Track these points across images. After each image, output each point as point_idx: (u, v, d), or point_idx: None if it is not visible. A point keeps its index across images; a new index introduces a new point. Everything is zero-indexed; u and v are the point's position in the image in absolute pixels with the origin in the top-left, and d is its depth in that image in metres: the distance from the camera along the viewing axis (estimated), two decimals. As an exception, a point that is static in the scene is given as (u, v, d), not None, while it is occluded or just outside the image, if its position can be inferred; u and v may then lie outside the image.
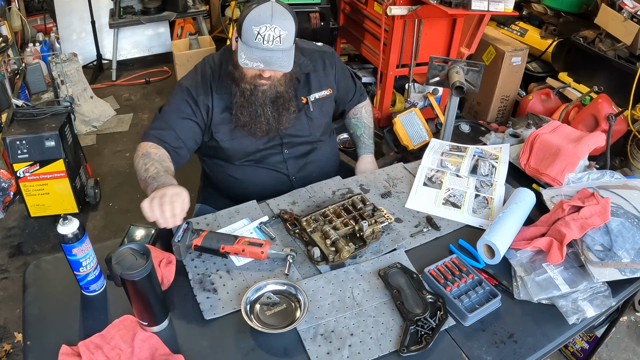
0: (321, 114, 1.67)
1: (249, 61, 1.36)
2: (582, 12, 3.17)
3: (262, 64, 1.37)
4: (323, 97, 1.65)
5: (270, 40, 1.35)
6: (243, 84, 1.47)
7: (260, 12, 1.34)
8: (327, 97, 1.67)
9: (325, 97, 1.66)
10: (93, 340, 1.05)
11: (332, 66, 1.68)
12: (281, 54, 1.38)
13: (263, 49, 1.35)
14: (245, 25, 1.35)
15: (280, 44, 1.36)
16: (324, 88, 1.65)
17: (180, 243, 1.22)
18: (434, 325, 1.11)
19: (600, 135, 1.62)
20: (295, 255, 1.26)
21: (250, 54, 1.36)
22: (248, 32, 1.35)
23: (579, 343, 1.99)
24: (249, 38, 1.35)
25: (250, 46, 1.36)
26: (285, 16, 1.36)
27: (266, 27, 1.33)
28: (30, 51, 4.01)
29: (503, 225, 1.31)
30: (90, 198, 2.81)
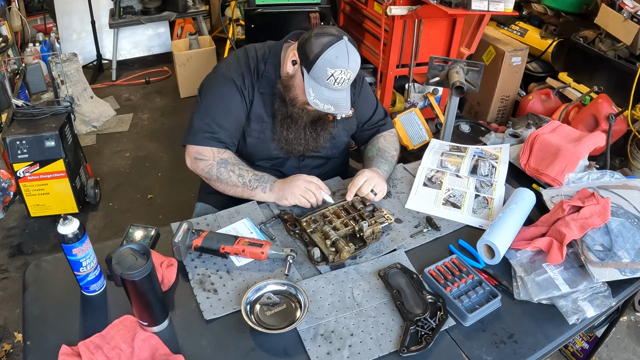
0: (344, 133, 1.67)
1: (320, 102, 1.36)
2: (582, 12, 3.17)
3: (333, 108, 1.37)
4: (348, 116, 1.64)
5: (341, 83, 1.35)
6: (292, 108, 1.46)
7: (338, 55, 1.31)
8: (349, 118, 1.66)
9: (350, 117, 1.65)
10: (93, 340, 1.05)
11: (359, 85, 1.65)
12: (345, 94, 1.39)
13: (332, 89, 1.36)
14: (320, 64, 1.32)
15: (347, 85, 1.38)
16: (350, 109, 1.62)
17: (180, 243, 1.22)
18: (434, 326, 1.11)
19: (600, 135, 1.62)
20: (295, 256, 1.26)
21: (320, 93, 1.36)
22: (321, 71, 1.33)
23: (579, 343, 1.99)
24: (321, 77, 1.34)
25: (319, 84, 1.35)
26: (356, 58, 1.35)
27: (342, 71, 1.33)
28: (30, 51, 4.01)
29: (503, 226, 1.31)
30: (90, 198, 2.81)
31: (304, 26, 3.04)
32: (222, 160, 1.48)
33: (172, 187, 3.04)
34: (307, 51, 1.35)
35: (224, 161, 1.48)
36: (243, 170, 1.47)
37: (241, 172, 1.47)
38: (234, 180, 1.46)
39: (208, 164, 1.48)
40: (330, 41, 1.32)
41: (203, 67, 3.93)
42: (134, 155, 3.33)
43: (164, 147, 3.41)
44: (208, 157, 1.49)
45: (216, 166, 1.48)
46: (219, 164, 1.48)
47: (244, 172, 1.47)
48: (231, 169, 1.47)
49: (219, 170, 1.47)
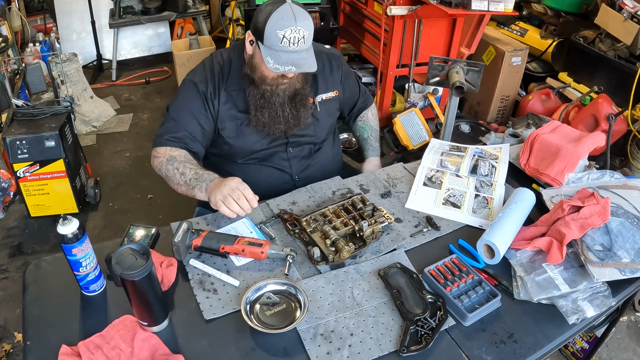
0: (327, 115, 1.67)
1: (280, 65, 1.36)
2: (582, 12, 3.17)
3: (294, 67, 1.37)
4: (329, 98, 1.66)
5: (296, 43, 1.35)
6: (264, 86, 1.47)
7: (283, 16, 1.33)
8: (333, 99, 1.68)
9: (332, 99, 1.67)
10: (93, 340, 1.05)
11: (338, 68, 1.69)
12: (306, 54, 1.39)
13: (289, 51, 1.36)
14: (269, 29, 1.34)
15: (304, 45, 1.37)
16: (330, 90, 1.66)
17: (179, 243, 1.23)
18: (434, 325, 1.11)
19: (600, 135, 1.62)
20: (295, 256, 1.27)
21: (278, 58, 1.36)
22: (272, 36, 1.34)
23: (579, 343, 1.99)
24: (274, 42, 1.35)
25: (276, 50, 1.36)
26: (305, 16, 1.36)
27: (291, 30, 1.34)
28: (30, 51, 4.01)
29: (503, 225, 1.31)
30: (90, 198, 2.81)
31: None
32: (171, 157, 1.48)
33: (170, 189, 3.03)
34: (256, 24, 1.38)
35: (172, 159, 1.48)
36: (187, 169, 1.46)
37: (184, 169, 1.46)
38: (178, 179, 1.46)
39: (159, 161, 1.51)
40: (272, 7, 1.35)
41: (203, 67, 3.93)
42: (134, 155, 3.33)
43: (164, 147, 3.41)
44: (160, 155, 1.51)
45: (165, 164, 1.49)
46: (167, 161, 1.48)
47: (186, 170, 1.45)
48: (176, 166, 1.47)
49: (167, 168, 1.48)
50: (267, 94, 1.48)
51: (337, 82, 1.68)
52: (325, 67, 1.64)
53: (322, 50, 1.66)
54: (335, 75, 1.67)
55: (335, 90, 1.67)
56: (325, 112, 1.66)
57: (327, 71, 1.65)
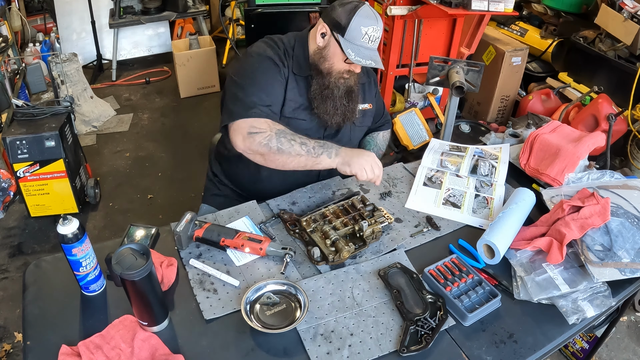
0: (362, 125, 1.71)
1: (361, 58, 1.42)
2: (582, 12, 3.17)
3: (373, 62, 1.44)
4: (366, 109, 1.69)
5: (374, 41, 1.45)
6: (328, 78, 1.50)
7: (367, 14, 1.42)
8: (368, 112, 1.70)
9: (367, 111, 1.70)
10: (93, 340, 1.05)
11: (375, 84, 1.74)
12: (377, 53, 1.47)
13: (368, 48, 1.44)
14: (354, 24, 1.41)
15: (377, 44, 1.47)
16: (367, 101, 1.69)
17: (181, 232, 1.23)
18: (434, 325, 1.11)
19: (600, 135, 1.62)
20: (293, 255, 1.27)
21: (359, 52, 1.43)
22: (356, 31, 1.41)
23: (579, 343, 1.99)
24: (356, 37, 1.42)
25: (356, 45, 1.43)
26: (380, 18, 1.46)
27: (373, 28, 1.43)
28: (30, 51, 4.01)
29: (503, 225, 1.31)
30: (90, 198, 2.81)
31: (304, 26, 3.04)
32: (280, 130, 1.42)
33: (172, 187, 3.04)
34: (337, 19, 1.44)
35: (282, 131, 1.42)
36: (304, 139, 1.43)
37: (302, 140, 1.42)
38: (297, 149, 1.40)
39: (266, 135, 1.40)
40: (356, 5, 1.43)
41: (203, 67, 3.93)
42: (134, 155, 3.33)
43: (164, 147, 3.41)
44: (265, 129, 1.41)
45: (275, 137, 1.40)
46: (277, 135, 1.41)
47: (305, 140, 1.42)
48: (291, 137, 1.41)
49: (280, 141, 1.40)
50: (331, 85, 1.51)
51: (372, 96, 1.71)
52: (368, 79, 1.69)
53: None
54: (372, 88, 1.71)
55: (371, 103, 1.70)
56: (362, 121, 1.69)
57: (367, 83, 1.69)
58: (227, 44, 4.45)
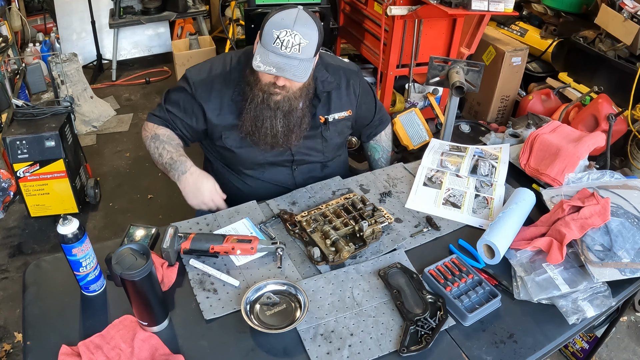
0: (337, 135, 1.62)
1: (262, 64, 1.30)
2: (582, 12, 3.17)
3: (275, 69, 1.30)
4: (342, 118, 1.59)
5: (289, 47, 1.29)
6: (256, 90, 1.41)
7: (284, 17, 1.29)
8: (346, 119, 1.61)
9: (344, 119, 1.60)
10: (93, 340, 1.05)
11: (357, 86, 1.62)
12: (298, 63, 1.32)
13: (279, 54, 1.30)
14: (267, 27, 1.30)
15: (298, 53, 1.30)
16: (344, 109, 1.59)
17: (169, 249, 1.22)
18: (434, 325, 1.11)
19: (600, 135, 1.62)
20: (284, 247, 1.27)
21: (266, 57, 1.30)
22: (268, 35, 1.30)
23: (579, 343, 1.99)
24: (268, 41, 1.30)
25: (267, 50, 1.31)
26: (308, 25, 1.31)
27: (287, 32, 1.28)
28: (30, 51, 4.01)
29: (503, 225, 1.31)
30: (90, 198, 2.81)
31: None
32: (155, 135, 1.52)
33: (172, 187, 3.00)
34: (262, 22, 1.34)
35: (155, 136, 1.52)
36: (165, 150, 1.49)
37: (162, 151, 1.49)
38: (156, 158, 1.52)
39: (145, 135, 1.55)
40: (281, 8, 1.32)
41: (203, 67, 3.93)
42: (134, 155, 3.33)
43: (164, 147, 3.41)
44: (147, 130, 1.55)
45: (148, 139, 1.53)
46: (151, 138, 1.52)
47: (164, 152, 1.49)
48: (157, 145, 1.50)
49: (149, 144, 1.53)
50: (257, 99, 1.41)
51: (352, 101, 1.61)
52: (341, 84, 1.58)
53: (339, 66, 1.60)
54: (350, 93, 1.60)
55: (349, 109, 1.60)
56: (336, 132, 1.60)
57: (342, 89, 1.58)
58: (227, 44, 4.44)
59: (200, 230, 1.38)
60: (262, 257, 1.29)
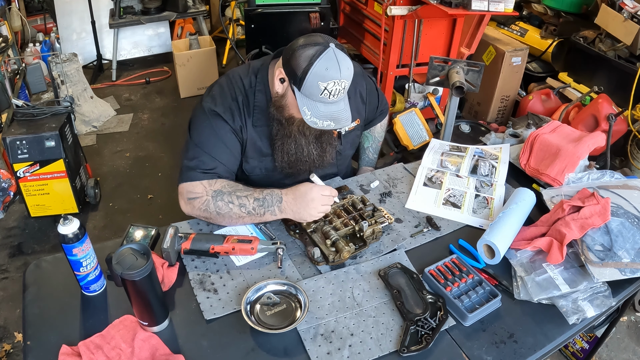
0: (350, 147, 1.61)
1: (317, 120, 1.26)
2: (582, 12, 3.17)
3: (333, 123, 1.27)
4: (352, 129, 1.57)
5: (336, 95, 1.26)
6: (291, 127, 1.36)
7: (327, 66, 1.21)
8: (356, 129, 1.59)
9: (354, 129, 1.59)
10: (93, 340, 1.05)
11: (363, 91, 1.59)
12: (344, 105, 1.29)
13: (328, 103, 1.26)
14: (310, 80, 1.22)
15: (343, 95, 1.28)
16: (353, 119, 1.49)
17: (169, 249, 1.22)
18: (434, 325, 1.11)
19: (600, 135, 1.62)
20: (285, 247, 1.27)
21: (317, 110, 1.26)
22: (313, 86, 1.23)
23: (579, 343, 1.99)
24: (314, 93, 1.24)
25: (314, 101, 1.25)
26: (348, 65, 1.25)
27: (335, 82, 1.23)
28: (30, 51, 4.01)
29: (503, 225, 1.31)
30: (90, 198, 2.81)
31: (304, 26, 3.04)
32: (216, 192, 1.32)
33: (172, 187, 3.01)
34: (294, 67, 1.24)
35: (218, 193, 1.32)
36: (242, 198, 1.32)
37: (241, 200, 1.31)
38: (237, 212, 1.32)
39: (203, 200, 1.33)
40: (316, 52, 1.22)
41: (203, 67, 3.93)
42: (134, 155, 3.33)
43: (164, 147, 3.41)
44: (201, 193, 1.33)
45: (212, 201, 1.32)
46: (214, 198, 1.32)
47: (244, 201, 1.31)
48: (229, 199, 1.31)
49: (217, 205, 1.32)
50: (296, 134, 1.37)
51: (360, 109, 1.58)
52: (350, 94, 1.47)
53: None
54: (358, 100, 1.56)
55: (357, 118, 1.57)
56: (349, 144, 1.60)
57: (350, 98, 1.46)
58: (227, 44, 4.45)
59: (200, 231, 1.38)
60: (262, 257, 1.29)
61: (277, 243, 1.27)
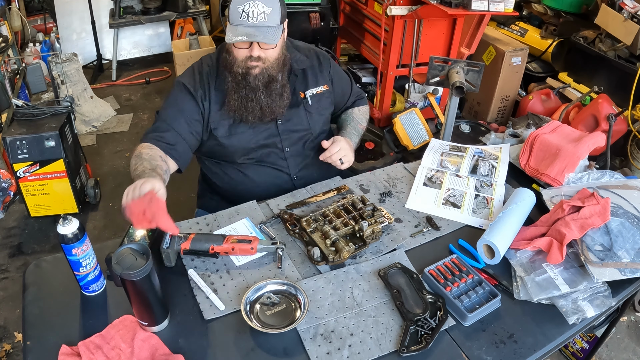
0: (319, 109, 1.67)
1: (234, 36, 1.38)
2: (582, 12, 3.17)
3: (245, 37, 1.38)
4: (320, 92, 1.66)
5: (255, 17, 1.37)
6: (235, 68, 1.47)
7: None
8: (325, 93, 1.67)
9: (323, 93, 1.67)
10: (93, 340, 1.05)
11: (327, 64, 1.69)
12: (266, 29, 1.39)
13: (247, 25, 1.38)
14: (232, 6, 1.38)
15: (265, 20, 1.38)
16: (320, 84, 1.66)
17: (169, 249, 1.22)
18: (434, 325, 1.11)
19: (600, 135, 1.62)
20: (285, 247, 1.27)
21: (235, 30, 1.38)
22: (234, 12, 1.38)
23: (579, 343, 1.99)
24: (235, 17, 1.38)
25: (235, 25, 1.39)
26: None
27: (249, 4, 1.37)
28: (31, 51, 4.01)
29: (503, 226, 1.31)
30: (90, 198, 2.81)
31: (304, 26, 3.04)
32: (138, 154, 1.45)
33: (172, 187, 3.02)
34: None
35: (137, 155, 1.44)
36: (140, 166, 1.40)
37: (137, 166, 1.40)
38: (132, 175, 1.41)
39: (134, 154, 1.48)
40: None
41: (203, 67, 3.93)
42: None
43: (164, 147, 3.41)
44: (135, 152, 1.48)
45: (131, 160, 1.46)
46: (133, 158, 1.45)
47: (139, 168, 1.40)
48: (135, 162, 1.42)
49: (130, 164, 1.45)
50: (238, 77, 1.48)
51: (326, 79, 1.68)
52: (313, 63, 1.66)
53: (310, 47, 1.70)
54: (324, 72, 1.68)
55: (325, 84, 1.68)
56: (318, 105, 1.66)
57: (315, 67, 1.66)
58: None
59: (200, 231, 1.38)
60: (262, 257, 1.29)
61: (276, 243, 1.27)
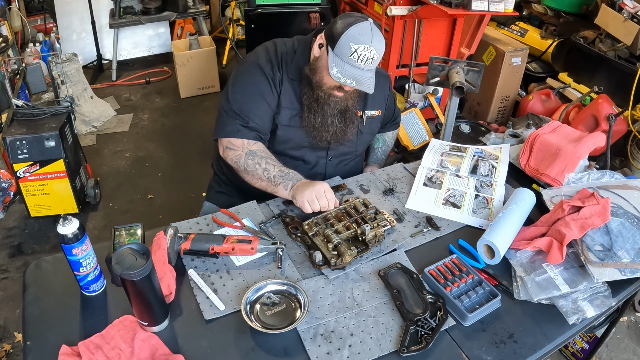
0: (370, 132, 1.70)
1: (341, 76, 1.38)
2: (582, 12, 3.17)
3: (355, 82, 1.39)
4: (374, 116, 1.68)
5: (364, 61, 1.37)
6: (318, 91, 1.48)
7: (362, 31, 1.35)
8: (376, 118, 1.69)
9: (375, 117, 1.69)
10: (93, 340, 1.05)
11: (387, 85, 1.72)
12: (369, 75, 1.41)
13: (355, 66, 1.38)
14: (344, 39, 1.36)
15: (370, 65, 1.40)
16: (376, 107, 1.68)
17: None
18: (434, 326, 1.11)
19: (600, 136, 1.62)
20: (285, 247, 1.27)
21: (343, 68, 1.38)
22: (345, 47, 1.36)
23: (579, 343, 1.99)
24: (344, 53, 1.37)
25: (343, 61, 1.38)
26: (381, 39, 1.39)
27: (365, 47, 1.36)
28: (31, 51, 4.01)
29: (503, 226, 1.31)
30: (90, 198, 2.81)
31: (304, 27, 3.04)
32: (250, 152, 1.49)
33: (172, 187, 3.04)
34: (332, 31, 1.39)
35: (251, 153, 1.48)
36: (269, 165, 1.47)
37: (267, 166, 1.47)
38: (260, 174, 1.47)
39: (237, 154, 1.50)
40: (354, 20, 1.37)
41: (203, 67, 3.93)
42: (134, 155, 3.33)
43: (164, 147, 3.41)
44: (237, 148, 1.50)
45: (244, 157, 1.49)
46: (247, 156, 1.48)
47: (269, 167, 1.46)
48: (258, 161, 1.47)
49: (246, 162, 1.48)
50: (320, 100, 1.48)
51: (382, 102, 1.70)
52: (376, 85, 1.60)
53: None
54: (382, 94, 1.68)
55: (380, 109, 1.69)
56: (369, 127, 1.69)
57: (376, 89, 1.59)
58: (227, 44, 4.45)
59: (200, 231, 1.38)
60: (262, 257, 1.29)
61: (276, 243, 1.27)
